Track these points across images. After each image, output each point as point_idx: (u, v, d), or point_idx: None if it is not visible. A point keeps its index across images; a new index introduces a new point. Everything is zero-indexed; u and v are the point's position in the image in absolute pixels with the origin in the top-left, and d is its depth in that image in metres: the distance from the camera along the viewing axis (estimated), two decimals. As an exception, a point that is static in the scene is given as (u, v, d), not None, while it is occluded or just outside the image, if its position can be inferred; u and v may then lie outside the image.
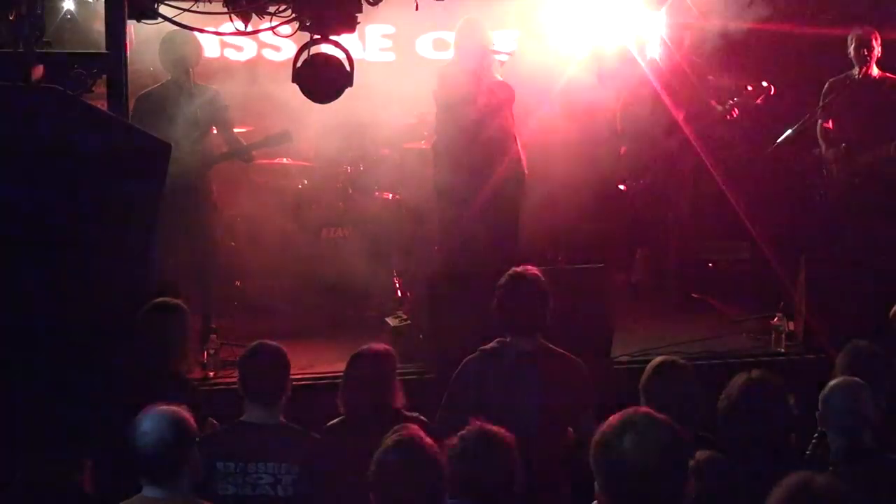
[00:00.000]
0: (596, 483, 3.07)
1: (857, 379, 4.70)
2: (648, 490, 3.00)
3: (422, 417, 5.11)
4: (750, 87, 8.72)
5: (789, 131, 8.60)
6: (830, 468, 4.48)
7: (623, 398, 4.79)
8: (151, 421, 4.10)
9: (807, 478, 3.08)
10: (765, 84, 8.68)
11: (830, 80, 8.63)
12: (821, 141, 8.70)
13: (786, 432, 4.54)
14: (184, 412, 4.20)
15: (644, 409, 3.18)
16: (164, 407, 4.17)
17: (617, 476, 3.01)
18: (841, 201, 8.62)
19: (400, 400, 5.17)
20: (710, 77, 9.21)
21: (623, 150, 9.03)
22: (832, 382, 4.71)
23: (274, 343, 5.18)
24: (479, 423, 4.08)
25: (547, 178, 8.63)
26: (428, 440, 3.86)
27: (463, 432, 4.03)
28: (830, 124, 8.66)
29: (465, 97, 7.97)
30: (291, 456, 4.86)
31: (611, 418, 3.09)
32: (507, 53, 8.26)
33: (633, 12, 8.85)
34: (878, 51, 8.43)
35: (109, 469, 4.83)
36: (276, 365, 5.05)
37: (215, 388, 6.35)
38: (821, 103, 8.62)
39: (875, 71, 8.47)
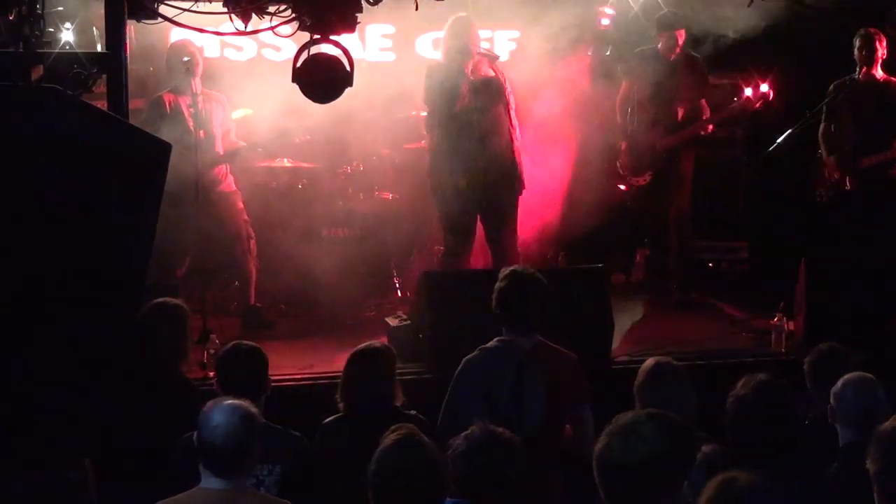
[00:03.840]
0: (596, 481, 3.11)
1: (870, 375, 4.71)
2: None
3: (420, 416, 5.12)
4: (749, 92, 8.73)
5: (788, 132, 8.59)
6: (836, 464, 4.49)
7: (623, 398, 4.81)
8: (222, 413, 4.08)
9: (730, 477, 3.11)
10: (764, 89, 8.67)
11: (834, 81, 8.62)
12: (822, 144, 8.69)
13: (794, 434, 4.55)
14: (250, 405, 4.20)
15: (646, 411, 3.20)
16: (233, 400, 4.17)
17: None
18: (839, 203, 8.61)
19: (399, 398, 5.17)
20: (710, 77, 9.24)
21: (623, 145, 9.03)
22: (845, 378, 4.72)
23: (250, 342, 5.16)
24: (483, 423, 4.08)
25: (547, 177, 8.64)
26: (426, 439, 3.86)
27: (468, 432, 4.03)
28: (832, 127, 8.64)
29: (452, 95, 7.96)
30: (273, 456, 4.83)
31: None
32: (493, 56, 8.26)
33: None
34: (882, 52, 8.39)
35: (109, 469, 4.83)
36: (253, 364, 5.02)
37: (215, 388, 6.33)
38: (822, 104, 8.61)
39: (879, 73, 8.45)
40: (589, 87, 8.93)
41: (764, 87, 8.64)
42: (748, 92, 8.73)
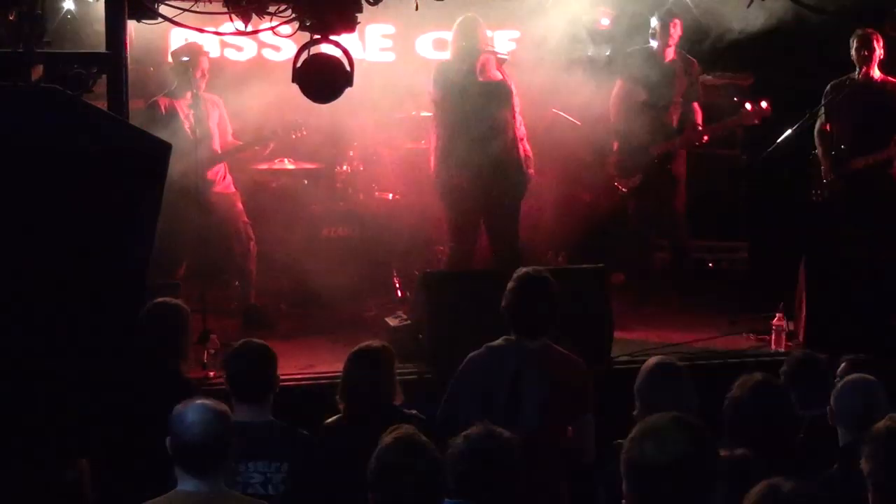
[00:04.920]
0: (624, 485, 3.10)
1: (870, 376, 4.72)
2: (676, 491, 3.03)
3: (420, 415, 5.12)
4: (749, 107, 8.71)
5: (788, 132, 8.58)
6: (836, 465, 4.50)
7: (623, 398, 4.81)
8: (196, 412, 4.03)
9: (775, 483, 3.11)
10: (764, 105, 8.66)
11: (832, 81, 8.61)
12: (818, 144, 8.68)
13: (791, 434, 4.55)
14: (222, 403, 4.17)
15: (671, 414, 3.20)
16: (205, 399, 4.14)
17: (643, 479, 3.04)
18: (838, 203, 8.60)
19: (399, 397, 5.18)
20: (709, 77, 9.23)
21: (615, 145, 9.00)
22: (845, 379, 4.73)
23: (260, 341, 5.18)
24: (484, 423, 4.07)
25: (546, 178, 8.64)
26: (426, 439, 3.86)
27: (468, 432, 4.02)
28: (829, 126, 8.64)
29: (460, 95, 7.97)
30: (281, 454, 4.85)
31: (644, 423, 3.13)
32: (504, 55, 8.27)
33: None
34: (879, 52, 8.39)
35: (109, 469, 4.83)
36: (263, 363, 5.03)
37: (215, 388, 6.36)
38: (821, 105, 8.60)
39: (877, 73, 8.44)
40: (589, 87, 8.91)
41: (763, 104, 8.64)
42: (748, 107, 8.72)
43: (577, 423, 5.35)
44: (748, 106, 8.73)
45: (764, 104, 8.64)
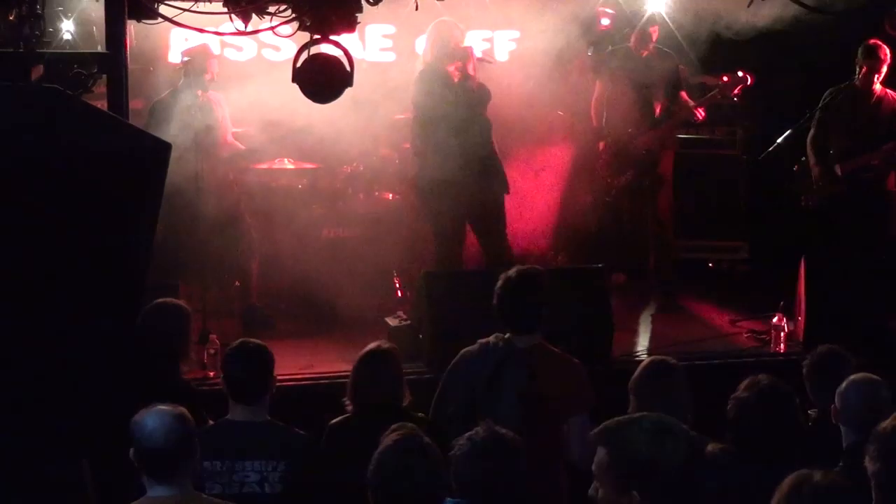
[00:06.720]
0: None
1: (875, 376, 4.71)
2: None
3: (427, 417, 5.13)
4: (726, 78, 8.67)
5: (789, 132, 8.58)
6: (841, 463, 4.50)
7: (624, 398, 4.81)
8: (155, 419, 4.07)
9: (805, 475, 3.10)
10: (740, 74, 8.61)
11: (830, 88, 8.60)
12: (809, 149, 8.65)
13: (795, 437, 4.55)
14: (180, 407, 4.19)
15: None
16: (163, 406, 4.16)
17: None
18: (831, 207, 8.59)
19: (407, 398, 5.18)
20: (702, 79, 9.23)
21: (602, 145, 8.99)
22: (850, 378, 4.73)
23: (256, 340, 5.17)
24: (488, 423, 4.06)
25: (547, 178, 8.65)
26: (427, 439, 3.85)
27: (472, 433, 4.02)
28: (821, 132, 8.60)
29: (441, 99, 7.98)
30: (277, 453, 4.86)
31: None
32: (489, 61, 8.25)
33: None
34: (884, 66, 8.32)
35: (110, 470, 4.83)
36: (259, 362, 5.02)
37: (215, 387, 6.37)
38: (818, 111, 8.58)
39: (877, 84, 8.40)
40: (588, 86, 8.91)
41: (740, 73, 8.59)
42: (725, 78, 8.68)
43: (572, 422, 5.34)
44: (725, 78, 8.68)
45: (740, 73, 8.58)
